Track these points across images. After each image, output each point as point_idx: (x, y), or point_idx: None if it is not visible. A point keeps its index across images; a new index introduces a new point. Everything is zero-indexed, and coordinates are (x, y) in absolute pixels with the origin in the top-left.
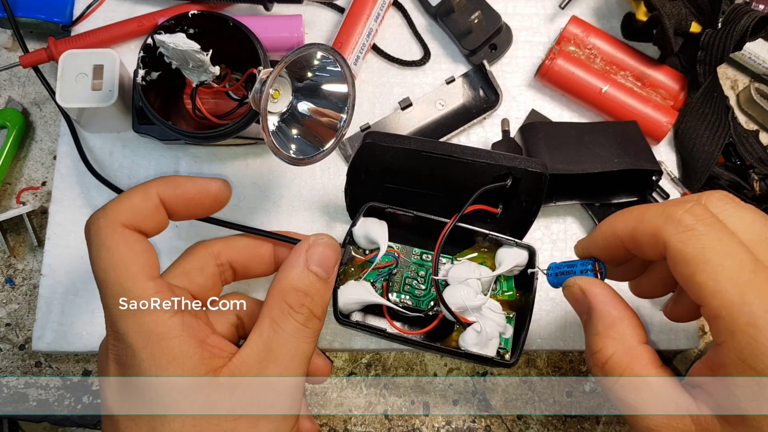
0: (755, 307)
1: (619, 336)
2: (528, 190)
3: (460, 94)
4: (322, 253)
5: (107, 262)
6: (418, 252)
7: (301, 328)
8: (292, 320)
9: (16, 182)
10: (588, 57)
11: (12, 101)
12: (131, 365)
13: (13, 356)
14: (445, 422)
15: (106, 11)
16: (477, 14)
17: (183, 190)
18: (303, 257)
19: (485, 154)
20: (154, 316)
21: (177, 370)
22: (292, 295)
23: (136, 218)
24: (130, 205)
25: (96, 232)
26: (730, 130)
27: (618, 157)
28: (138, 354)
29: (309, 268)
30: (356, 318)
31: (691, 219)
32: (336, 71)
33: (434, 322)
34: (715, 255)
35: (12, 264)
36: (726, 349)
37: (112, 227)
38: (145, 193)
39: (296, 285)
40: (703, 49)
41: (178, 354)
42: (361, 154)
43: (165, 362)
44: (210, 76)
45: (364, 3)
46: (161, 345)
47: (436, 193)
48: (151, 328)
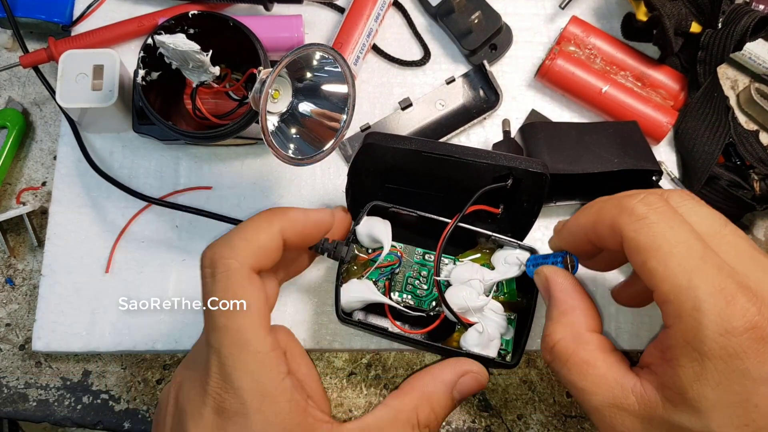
0: (700, 292)
1: (569, 323)
2: (529, 191)
3: (460, 95)
4: (470, 388)
5: (246, 315)
6: (420, 252)
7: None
8: None
9: (16, 182)
10: (588, 57)
11: (12, 101)
12: (239, 423)
13: (13, 356)
14: (446, 422)
15: (106, 11)
16: (477, 14)
17: (302, 226)
18: (453, 381)
19: (486, 155)
20: (270, 376)
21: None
22: (426, 411)
23: (263, 261)
24: (258, 246)
25: (225, 273)
26: (730, 130)
27: (618, 157)
28: (251, 415)
29: (452, 393)
30: (358, 317)
31: (643, 208)
32: (336, 71)
33: (436, 322)
34: (665, 242)
35: (12, 264)
36: (673, 332)
37: (244, 272)
38: (271, 233)
39: (434, 403)
40: (703, 49)
41: (288, 422)
42: (362, 154)
43: (276, 425)
44: (210, 76)
45: (364, 3)
46: (274, 409)
47: (436, 194)
48: (268, 389)
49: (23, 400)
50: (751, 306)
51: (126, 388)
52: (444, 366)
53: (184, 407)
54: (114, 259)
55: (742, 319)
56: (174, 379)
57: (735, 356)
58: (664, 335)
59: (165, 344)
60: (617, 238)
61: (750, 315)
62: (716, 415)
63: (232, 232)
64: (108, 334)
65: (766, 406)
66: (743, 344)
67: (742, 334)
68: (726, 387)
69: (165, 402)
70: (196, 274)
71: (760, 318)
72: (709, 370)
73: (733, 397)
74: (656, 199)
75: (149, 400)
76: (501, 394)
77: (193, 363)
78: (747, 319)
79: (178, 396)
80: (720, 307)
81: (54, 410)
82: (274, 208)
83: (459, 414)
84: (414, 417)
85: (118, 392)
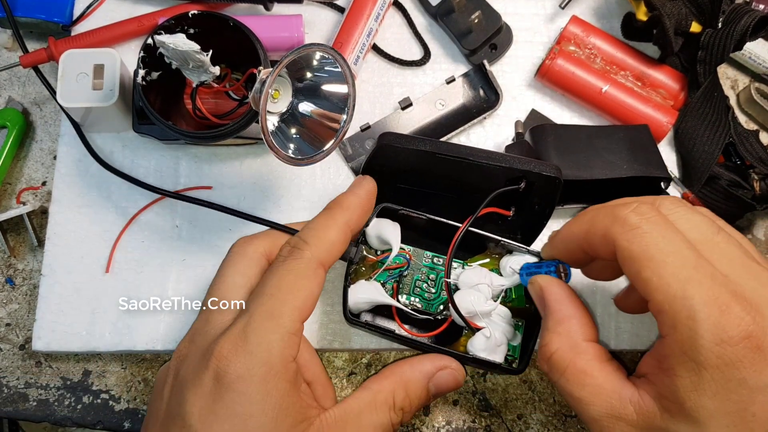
0: (695, 301)
1: (566, 332)
2: (541, 194)
3: (460, 94)
4: (447, 383)
5: (295, 296)
6: (429, 255)
7: (387, 425)
8: (388, 414)
9: (16, 182)
10: (588, 57)
11: (12, 101)
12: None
13: (13, 356)
14: (446, 422)
15: (106, 11)
16: (477, 14)
17: (360, 212)
18: (430, 372)
19: (499, 158)
20: (283, 354)
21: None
22: (402, 395)
23: (331, 258)
24: (330, 244)
25: (297, 266)
26: (730, 129)
27: (627, 163)
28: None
29: (429, 385)
30: (365, 318)
31: (636, 218)
32: (336, 71)
33: (443, 326)
34: (658, 252)
35: (12, 264)
36: (669, 341)
37: (316, 267)
38: (341, 230)
39: (410, 389)
40: (703, 48)
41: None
42: (376, 155)
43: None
44: (210, 76)
45: (364, 3)
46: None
47: (448, 195)
48: (276, 365)
49: (23, 400)
50: (745, 315)
51: (126, 388)
52: (424, 358)
53: (185, 377)
54: (114, 259)
55: (738, 328)
56: (176, 354)
57: (731, 365)
58: (660, 345)
59: (165, 344)
60: (610, 247)
61: (745, 324)
62: (714, 425)
63: (305, 230)
64: (108, 334)
65: (763, 415)
66: (739, 353)
67: (737, 344)
68: (723, 396)
69: (163, 377)
70: (196, 273)
71: (755, 327)
72: (706, 379)
73: (731, 406)
74: (648, 209)
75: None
76: (501, 393)
77: (199, 336)
78: (742, 329)
79: (179, 369)
80: (715, 317)
81: (54, 410)
82: (333, 203)
83: (459, 414)
84: (391, 399)
85: (118, 392)
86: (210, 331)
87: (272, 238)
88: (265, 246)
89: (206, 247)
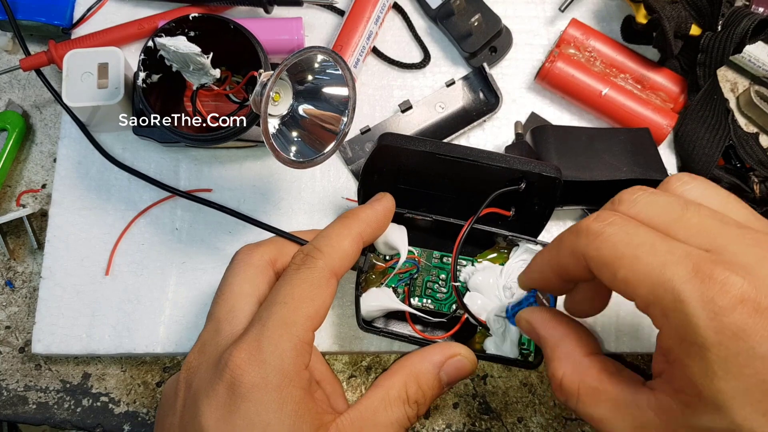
0: (675, 282)
1: (564, 354)
2: (541, 194)
3: (460, 97)
4: (458, 370)
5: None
6: (437, 255)
7: (404, 420)
8: (403, 409)
9: (16, 185)
10: (588, 60)
11: (12, 104)
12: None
13: (13, 359)
14: (446, 425)
15: (106, 14)
16: (477, 17)
17: (375, 227)
18: (440, 361)
19: (500, 158)
20: (296, 363)
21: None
22: (414, 388)
23: (344, 268)
24: (343, 253)
25: (310, 275)
26: (730, 132)
27: (627, 165)
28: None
29: (440, 374)
30: (379, 324)
31: (597, 225)
32: (336, 74)
33: (457, 326)
34: (627, 248)
35: (12, 267)
36: (666, 332)
37: (329, 276)
38: (354, 241)
39: (422, 381)
40: (702, 51)
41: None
42: (376, 155)
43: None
44: (210, 78)
45: (364, 6)
46: (291, 392)
47: (448, 195)
48: (290, 373)
49: (23, 403)
50: (735, 278)
51: (126, 391)
52: (432, 348)
53: (198, 388)
54: (114, 262)
55: (728, 294)
56: (186, 366)
57: (734, 337)
58: (660, 341)
59: (165, 347)
60: (581, 263)
61: (735, 288)
62: (737, 406)
63: (319, 238)
64: (108, 337)
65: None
66: (738, 322)
67: (732, 311)
68: (736, 373)
69: (173, 389)
70: (195, 276)
71: (747, 287)
72: (713, 360)
73: (748, 381)
74: (608, 213)
75: (149, 402)
76: (501, 396)
77: (210, 347)
78: (732, 294)
79: (191, 381)
80: (700, 290)
81: (54, 413)
82: (348, 213)
83: (459, 417)
84: (404, 393)
85: (118, 395)
86: (221, 341)
87: (278, 245)
88: (271, 253)
89: (206, 250)
